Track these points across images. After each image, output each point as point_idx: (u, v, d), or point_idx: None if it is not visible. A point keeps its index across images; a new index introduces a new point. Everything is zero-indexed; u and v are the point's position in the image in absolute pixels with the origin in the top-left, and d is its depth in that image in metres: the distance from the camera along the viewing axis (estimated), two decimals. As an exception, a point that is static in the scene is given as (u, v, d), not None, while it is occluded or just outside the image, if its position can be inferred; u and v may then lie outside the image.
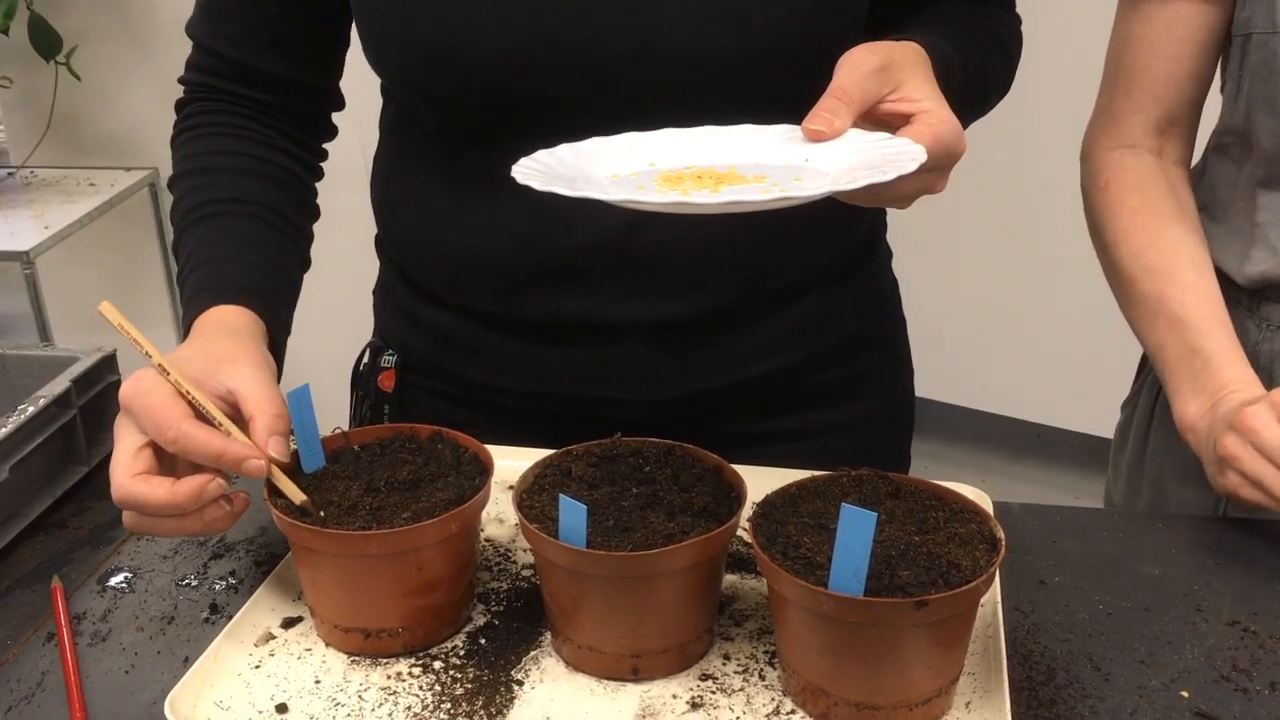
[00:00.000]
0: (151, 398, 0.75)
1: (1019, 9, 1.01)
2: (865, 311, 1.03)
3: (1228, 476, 0.90)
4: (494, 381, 1.00)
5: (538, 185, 0.69)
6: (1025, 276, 2.45)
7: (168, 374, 0.76)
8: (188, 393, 0.76)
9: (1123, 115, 1.04)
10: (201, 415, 0.77)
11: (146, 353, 0.78)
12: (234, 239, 0.93)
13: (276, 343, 0.91)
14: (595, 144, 0.77)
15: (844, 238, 0.99)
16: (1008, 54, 0.99)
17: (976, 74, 0.90)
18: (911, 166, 0.68)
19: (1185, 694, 0.74)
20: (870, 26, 0.91)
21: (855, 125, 0.74)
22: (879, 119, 0.75)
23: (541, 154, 0.75)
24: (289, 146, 1.00)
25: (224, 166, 0.96)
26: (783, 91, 0.80)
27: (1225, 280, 1.04)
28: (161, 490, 0.74)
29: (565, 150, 0.76)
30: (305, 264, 1.00)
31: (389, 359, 1.05)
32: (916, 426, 1.14)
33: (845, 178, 0.69)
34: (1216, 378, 0.94)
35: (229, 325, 0.86)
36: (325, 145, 1.05)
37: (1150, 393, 1.13)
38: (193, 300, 0.89)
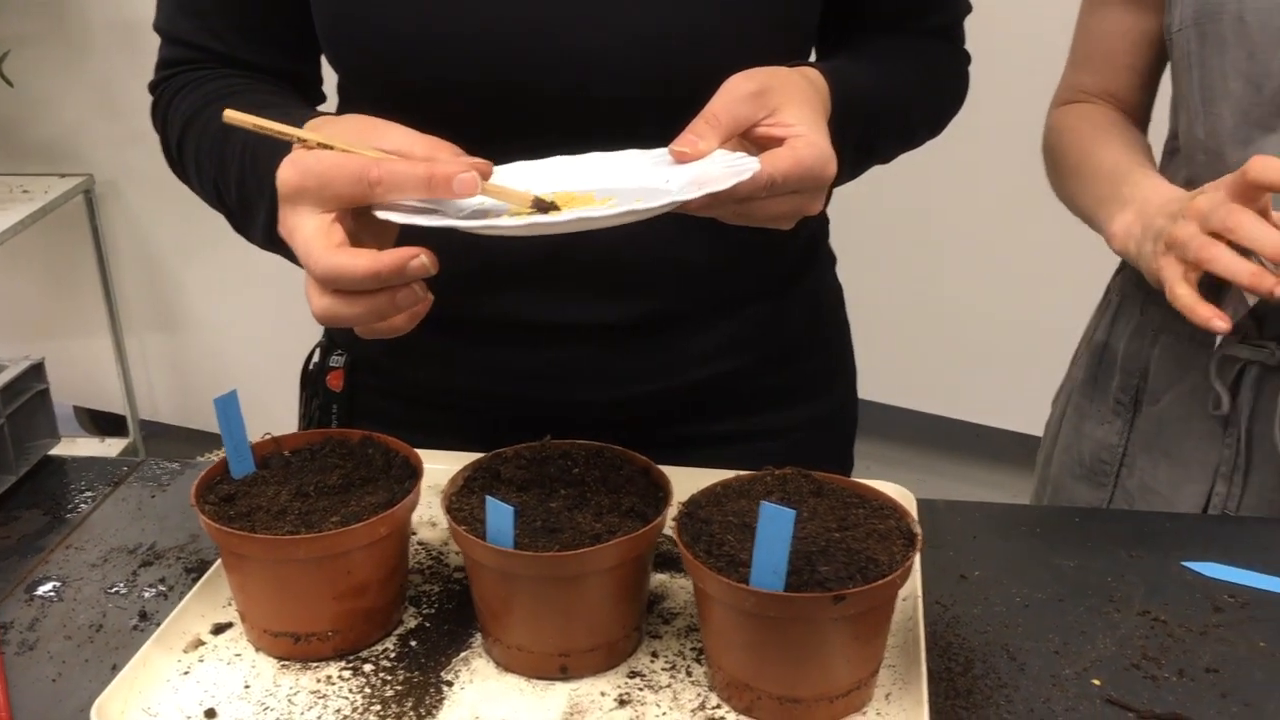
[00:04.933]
0: (328, 160, 0.71)
1: (981, 28, 1.04)
2: (809, 317, 1.05)
3: (1167, 267, 0.89)
4: (442, 382, 1.00)
5: (397, 219, 0.71)
6: (962, 277, 2.49)
7: (330, 147, 0.72)
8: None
9: (1077, 87, 1.12)
10: None
11: (299, 138, 0.73)
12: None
13: None
14: None
15: (784, 246, 1.01)
16: (940, 89, 1.00)
17: (892, 106, 0.93)
18: (730, 182, 0.70)
19: (1097, 682, 0.77)
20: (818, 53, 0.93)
21: (741, 148, 0.77)
22: (757, 141, 0.77)
23: None
24: None
25: (241, 89, 0.91)
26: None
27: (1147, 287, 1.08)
28: (364, 259, 0.70)
29: None
30: None
31: (337, 359, 1.05)
32: (857, 427, 1.16)
33: (687, 191, 0.72)
34: (1140, 189, 0.96)
35: (328, 119, 0.80)
36: None
37: (1065, 393, 1.16)
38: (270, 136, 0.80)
